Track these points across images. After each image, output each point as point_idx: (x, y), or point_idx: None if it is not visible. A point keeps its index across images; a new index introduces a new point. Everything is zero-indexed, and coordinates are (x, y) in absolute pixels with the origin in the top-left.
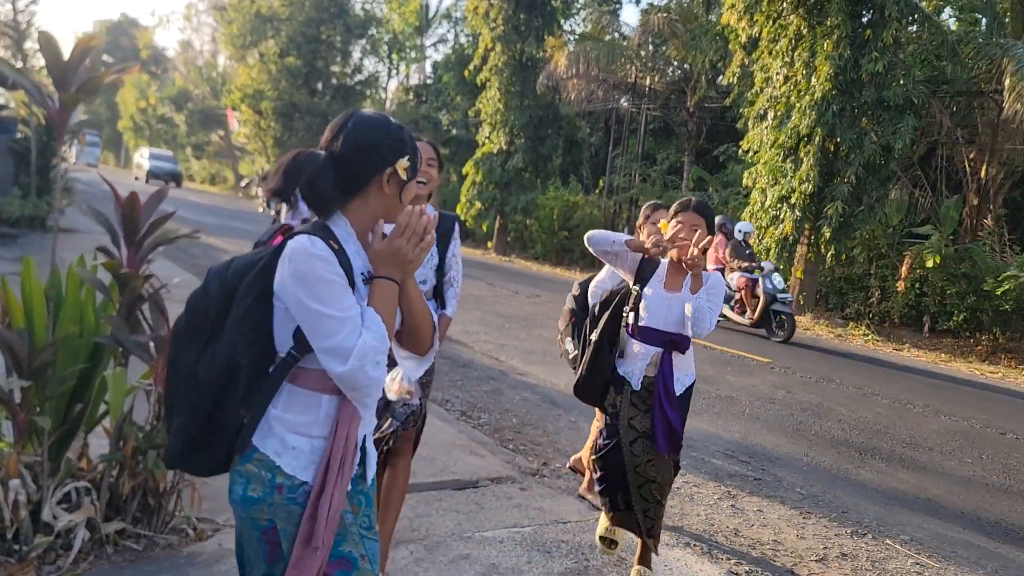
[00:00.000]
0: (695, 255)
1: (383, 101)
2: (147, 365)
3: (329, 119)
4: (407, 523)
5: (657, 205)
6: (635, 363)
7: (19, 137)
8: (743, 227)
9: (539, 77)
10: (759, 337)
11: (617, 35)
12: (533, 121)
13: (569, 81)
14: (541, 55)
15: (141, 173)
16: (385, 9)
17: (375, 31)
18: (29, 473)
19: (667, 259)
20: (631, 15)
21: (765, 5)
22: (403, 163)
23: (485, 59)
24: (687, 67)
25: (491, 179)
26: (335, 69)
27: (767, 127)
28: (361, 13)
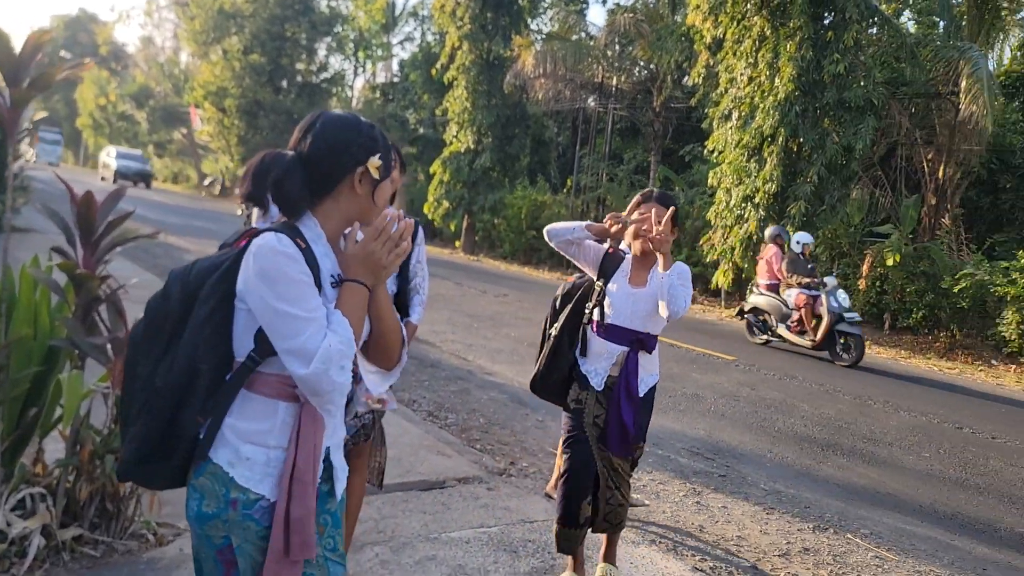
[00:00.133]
0: (660, 231)
1: (349, 99)
2: (104, 368)
3: (294, 117)
4: (372, 525)
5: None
6: (599, 362)
7: None
8: (801, 238)
9: (506, 76)
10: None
11: (584, 35)
12: (500, 120)
13: (536, 80)
14: (508, 54)
15: (108, 173)
16: (351, 7)
17: (341, 29)
18: None
19: (631, 254)
20: (598, 15)
21: (729, 6)
22: (374, 162)
23: (452, 58)
24: (653, 67)
25: (459, 178)
26: (300, 67)
27: (732, 127)
28: (327, 10)
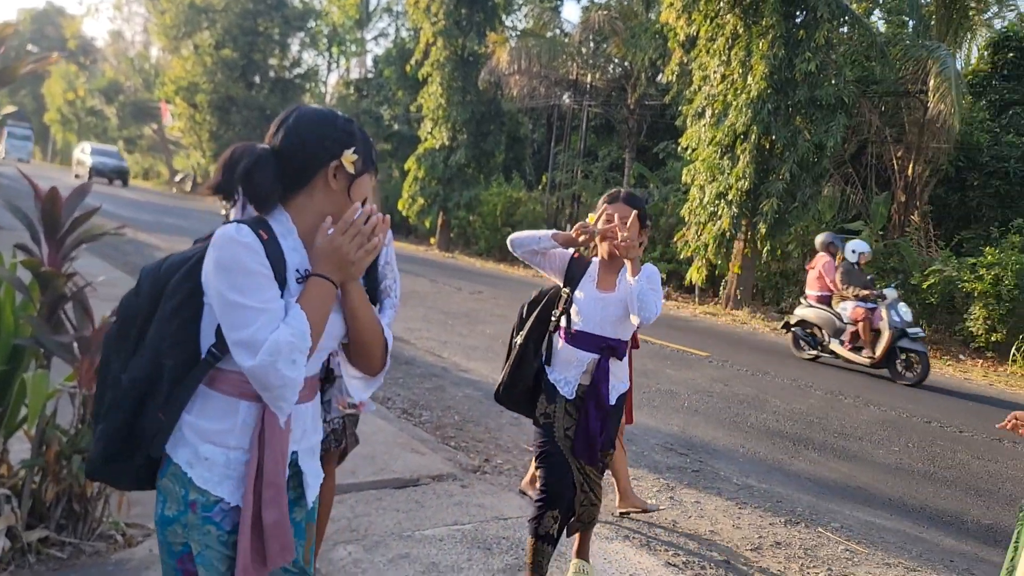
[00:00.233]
0: (627, 238)
1: (323, 95)
2: (71, 367)
3: (267, 113)
4: (345, 523)
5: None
6: (568, 370)
7: None
8: (857, 246)
9: (481, 73)
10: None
11: (558, 32)
12: (475, 117)
13: (511, 77)
14: (483, 51)
15: (83, 170)
16: (324, 2)
17: (314, 24)
18: None
19: (598, 257)
20: (572, 12)
21: (702, 4)
22: (349, 155)
23: (426, 54)
24: (627, 65)
25: (433, 175)
26: (273, 62)
27: (705, 125)
28: (299, 5)
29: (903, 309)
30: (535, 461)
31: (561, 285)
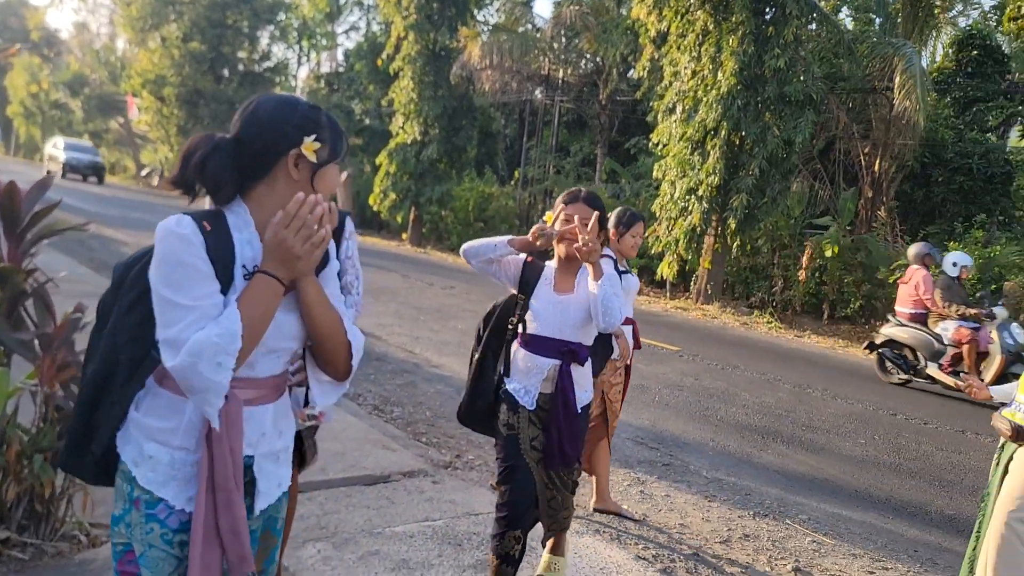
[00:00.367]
0: (588, 240)
1: (293, 88)
2: (32, 364)
3: (236, 107)
4: (315, 521)
5: (635, 216)
6: (527, 379)
7: None
8: (958, 259)
9: (453, 67)
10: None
11: (530, 27)
12: (447, 111)
13: (483, 72)
14: (455, 45)
15: (55, 166)
16: None
17: (284, 17)
18: None
19: (554, 260)
20: (544, 7)
21: (673, 0)
22: (310, 142)
23: (398, 48)
24: (599, 60)
25: (405, 170)
26: (242, 55)
27: (676, 121)
28: None
29: (1017, 330)
30: (496, 477)
31: (516, 292)
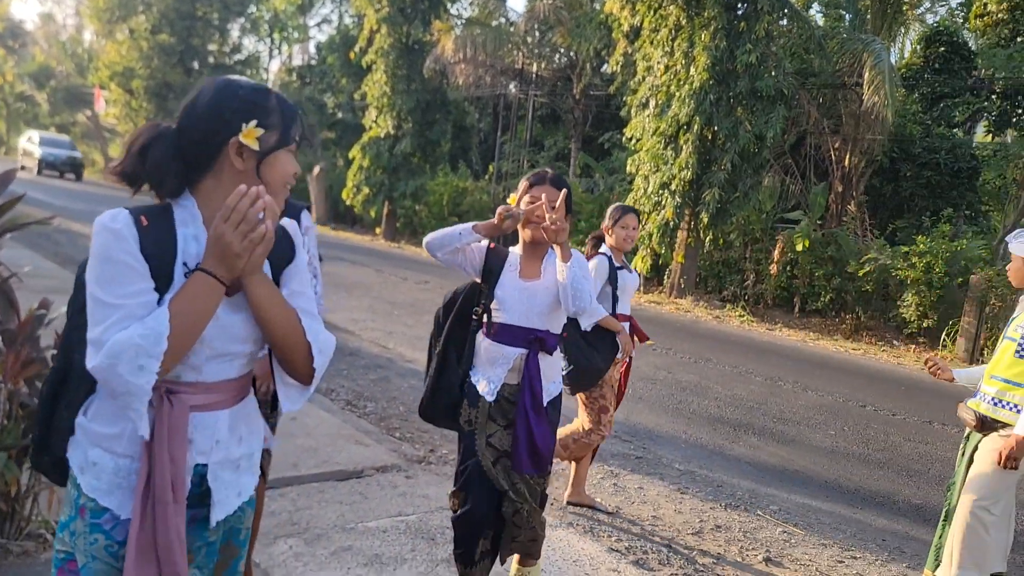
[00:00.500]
0: (556, 220)
1: (265, 82)
2: None
3: None
4: (286, 517)
5: (625, 208)
6: (492, 370)
7: None
8: None
9: (426, 61)
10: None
11: (504, 20)
12: (421, 105)
13: (457, 66)
14: (428, 38)
15: (30, 162)
16: None
17: (255, 9)
18: None
19: (518, 245)
20: (517, 1)
21: None
22: (249, 128)
23: (370, 41)
24: (573, 54)
25: (379, 164)
26: (212, 48)
27: (649, 115)
28: None
29: None
30: (454, 480)
31: (479, 280)
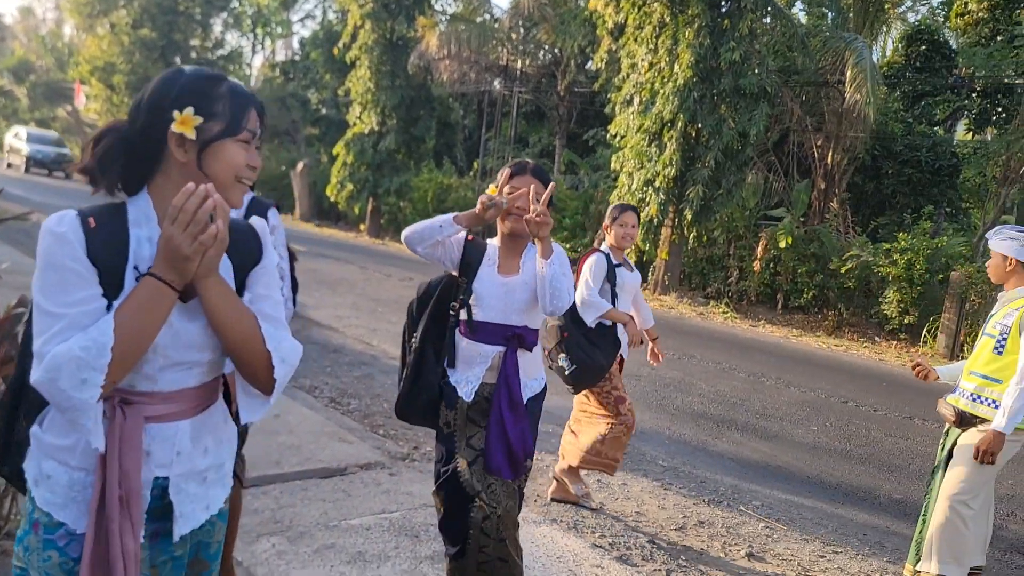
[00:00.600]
0: (540, 212)
1: (248, 77)
2: None
3: None
4: (269, 515)
5: (624, 207)
6: (469, 369)
7: None
8: None
9: (410, 57)
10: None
11: (488, 17)
12: (405, 102)
13: (441, 62)
14: (412, 34)
15: (18, 159)
16: None
17: (238, 4)
18: None
19: (496, 238)
20: None
21: None
22: (183, 116)
23: (354, 37)
24: (557, 51)
25: (363, 160)
26: (195, 43)
27: (633, 112)
28: None
29: None
30: (435, 481)
31: (456, 274)
